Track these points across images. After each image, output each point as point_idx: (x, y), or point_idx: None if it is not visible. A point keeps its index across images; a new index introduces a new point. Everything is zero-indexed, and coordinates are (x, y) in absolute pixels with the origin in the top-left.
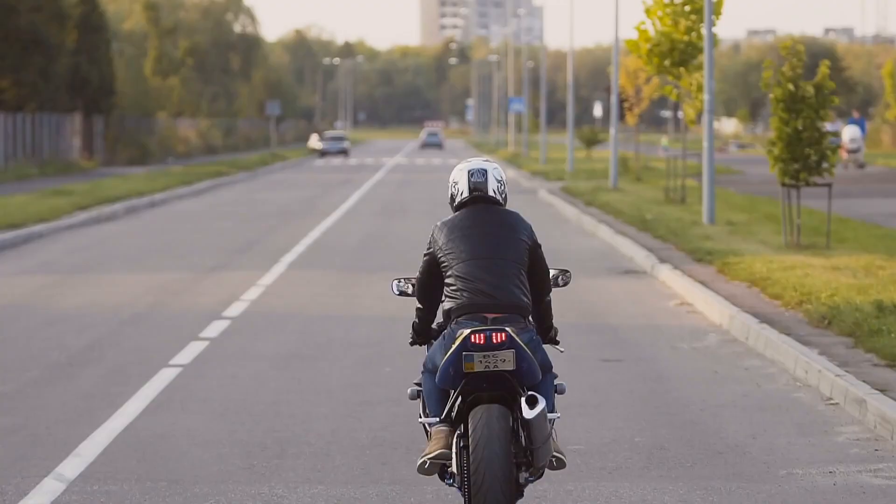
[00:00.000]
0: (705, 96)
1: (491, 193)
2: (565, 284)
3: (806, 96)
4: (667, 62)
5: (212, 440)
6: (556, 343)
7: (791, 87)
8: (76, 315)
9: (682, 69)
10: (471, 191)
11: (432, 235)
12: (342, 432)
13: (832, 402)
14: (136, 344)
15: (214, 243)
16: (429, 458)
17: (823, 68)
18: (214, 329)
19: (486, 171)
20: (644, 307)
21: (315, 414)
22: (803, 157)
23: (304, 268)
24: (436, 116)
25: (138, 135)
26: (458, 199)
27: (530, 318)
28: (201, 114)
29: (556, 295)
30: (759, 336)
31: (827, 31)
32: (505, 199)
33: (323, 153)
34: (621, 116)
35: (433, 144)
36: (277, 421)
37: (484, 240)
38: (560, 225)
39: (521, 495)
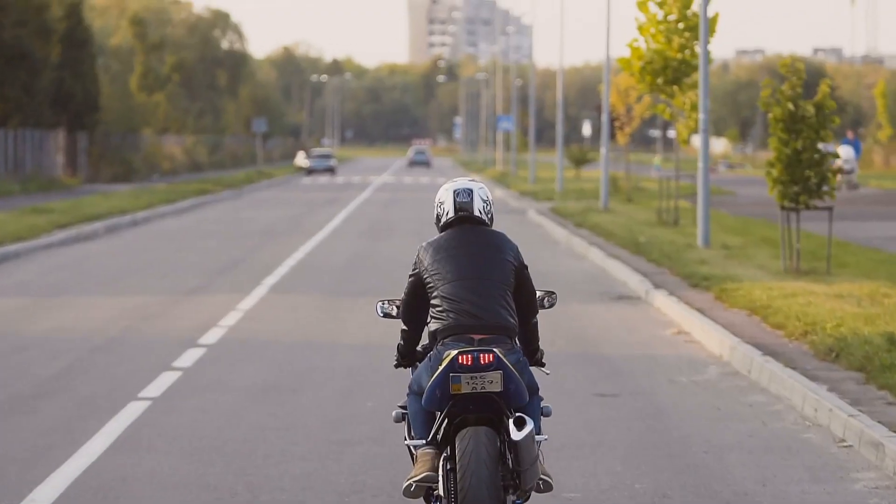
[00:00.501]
0: (700, 115)
1: (477, 213)
2: (551, 306)
3: (806, 116)
4: (660, 80)
5: (179, 483)
6: (542, 365)
7: (791, 106)
8: (46, 341)
9: (675, 87)
10: (456, 211)
11: (418, 256)
12: (319, 475)
13: (845, 444)
14: (105, 373)
15: (196, 263)
16: (415, 481)
17: (824, 87)
18: (189, 358)
19: (471, 190)
20: (639, 336)
21: (291, 454)
22: (803, 179)
23: (287, 291)
24: (424, 134)
25: (123, 151)
26: (443, 220)
27: (516, 339)
28: (187, 130)
29: (545, 321)
30: (763, 369)
31: (816, 50)
32: (491, 220)
33: (310, 171)
34: (612, 135)
35: (421, 162)
36: (250, 462)
37: (470, 260)
38: (550, 246)
39: None
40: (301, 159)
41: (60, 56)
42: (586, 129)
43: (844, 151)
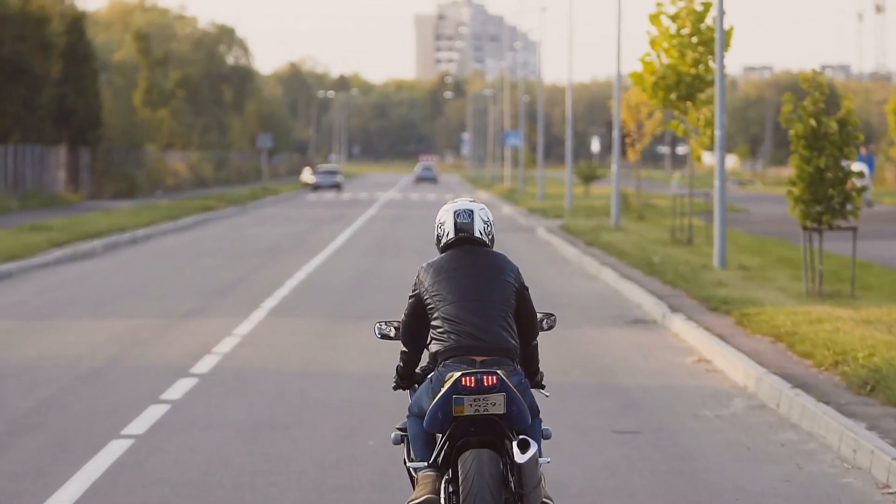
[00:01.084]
0: (716, 132)
1: (477, 234)
2: (550, 328)
3: (829, 133)
4: (673, 96)
5: None
6: (543, 387)
7: (813, 122)
8: (29, 369)
9: (688, 103)
10: (457, 231)
11: (418, 277)
12: None
13: (890, 490)
14: (87, 407)
15: (194, 284)
16: None
17: (847, 103)
18: (179, 389)
19: (472, 211)
20: (658, 364)
21: (282, 502)
22: (826, 198)
23: (287, 314)
24: (431, 150)
25: (126, 167)
26: (444, 240)
27: (517, 361)
28: (192, 146)
29: (559, 348)
30: (794, 404)
31: (824, 67)
32: (492, 241)
33: (315, 187)
34: (622, 152)
35: (428, 179)
36: None
37: (471, 282)
38: (560, 266)
39: None
40: (307, 175)
41: (62, 71)
42: (595, 146)
43: (858, 168)
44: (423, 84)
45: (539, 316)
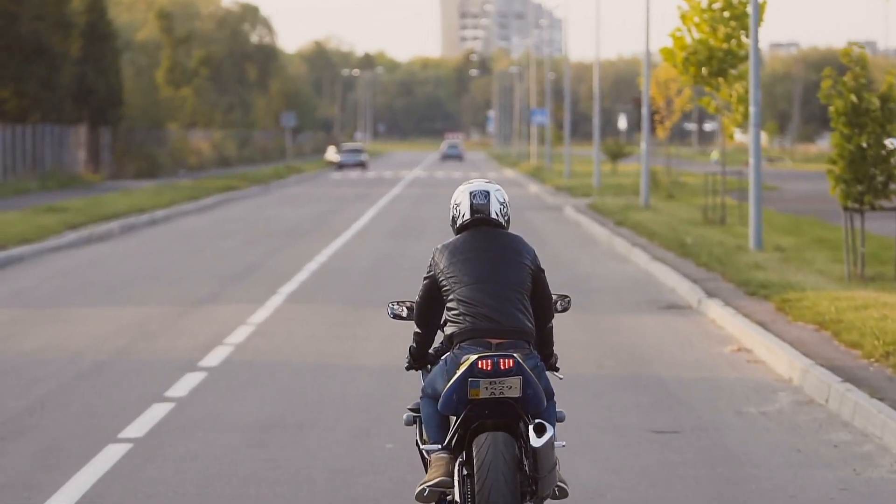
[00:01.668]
0: (751, 108)
1: (493, 216)
2: (564, 310)
3: (871, 109)
4: (704, 71)
5: None
6: (557, 370)
7: (854, 98)
8: (29, 364)
9: (720, 79)
10: (473, 213)
11: (433, 258)
12: None
13: None
14: (86, 406)
15: (210, 268)
16: (428, 486)
17: (890, 78)
18: (185, 385)
19: (488, 192)
20: (695, 353)
21: None
22: (868, 177)
23: (304, 300)
24: (456, 128)
25: (148, 147)
26: (459, 221)
27: (532, 344)
28: (215, 125)
29: (590, 337)
30: (845, 399)
31: (849, 44)
32: (508, 222)
33: (340, 166)
34: (650, 129)
35: (453, 156)
36: None
37: (486, 264)
38: (589, 247)
39: None
40: (331, 154)
41: (82, 50)
42: (622, 123)
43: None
44: (448, 62)
45: (554, 298)
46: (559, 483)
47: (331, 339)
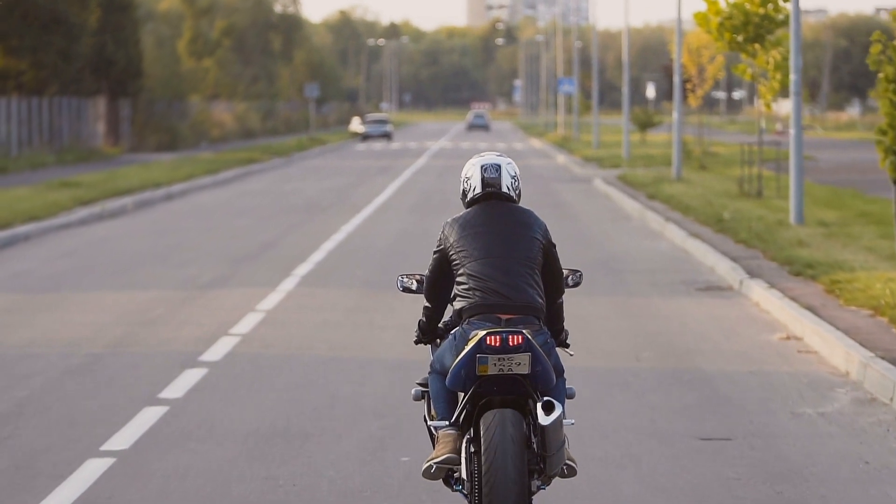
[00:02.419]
0: (792, 76)
1: (504, 190)
2: (576, 285)
3: None
4: (740, 38)
5: None
6: (567, 346)
7: None
8: (16, 358)
9: (756, 46)
10: (484, 186)
11: (443, 232)
12: None
13: None
14: (69, 411)
15: (222, 248)
16: (435, 463)
17: None
18: (183, 384)
19: (499, 166)
20: (741, 342)
21: None
22: None
23: (319, 284)
24: (483, 98)
25: (168, 119)
26: (470, 195)
27: (543, 319)
28: (238, 96)
29: (626, 324)
30: None
31: (878, 10)
32: (519, 196)
33: (365, 137)
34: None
35: (479, 126)
36: None
37: (497, 238)
38: (621, 222)
39: None
40: (356, 125)
41: (100, 21)
42: (650, 92)
43: None
44: (474, 31)
45: (565, 272)
46: (567, 461)
47: (345, 328)
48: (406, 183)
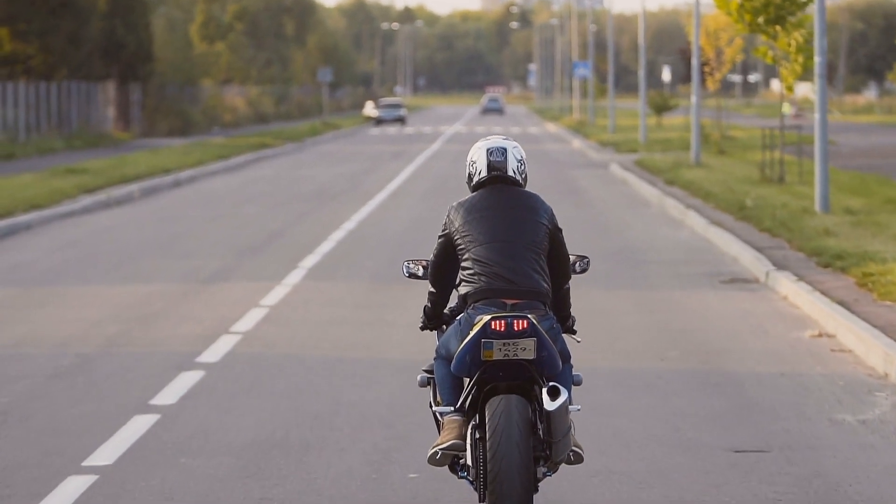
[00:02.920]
0: (816, 58)
1: (510, 173)
2: (583, 271)
3: None
4: (760, 19)
5: None
6: (574, 332)
7: None
8: (2, 359)
9: (777, 27)
10: (489, 170)
11: (448, 216)
12: None
13: None
14: (52, 421)
15: (229, 237)
16: (441, 449)
17: None
18: (177, 388)
19: (505, 149)
20: (770, 341)
21: None
22: None
23: (327, 276)
24: (497, 82)
25: (180, 103)
26: (475, 179)
27: (548, 305)
28: (251, 81)
29: (649, 319)
30: None
31: None
32: (525, 180)
33: (378, 121)
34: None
35: (494, 110)
36: None
37: (503, 222)
38: (639, 209)
39: (537, 490)
40: (370, 109)
41: (110, 4)
42: (666, 75)
43: None
44: (488, 15)
45: (572, 258)
46: (574, 448)
47: (352, 326)
48: (420, 168)
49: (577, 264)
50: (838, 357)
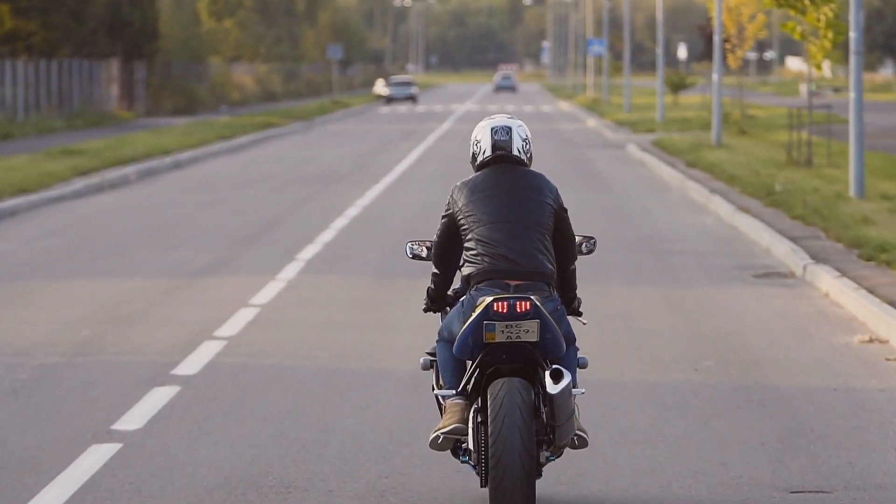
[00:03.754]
0: (852, 34)
1: (515, 153)
2: (589, 252)
3: None
4: None
5: None
6: (580, 314)
7: None
8: None
9: (806, 1)
10: (494, 149)
11: (451, 196)
12: None
13: None
14: None
15: (224, 225)
16: (443, 433)
17: None
18: (146, 408)
19: (510, 128)
20: (815, 347)
21: None
22: None
23: (325, 270)
24: (510, 59)
25: (186, 82)
26: (480, 158)
27: (554, 287)
28: (260, 58)
29: (679, 321)
30: None
31: None
32: (530, 159)
33: (389, 99)
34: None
35: (506, 87)
36: None
37: (507, 202)
38: (660, 193)
39: (540, 475)
40: (380, 87)
41: None
42: (681, 52)
43: None
44: None
45: (578, 239)
46: (578, 432)
47: (351, 330)
48: (429, 149)
49: (584, 245)
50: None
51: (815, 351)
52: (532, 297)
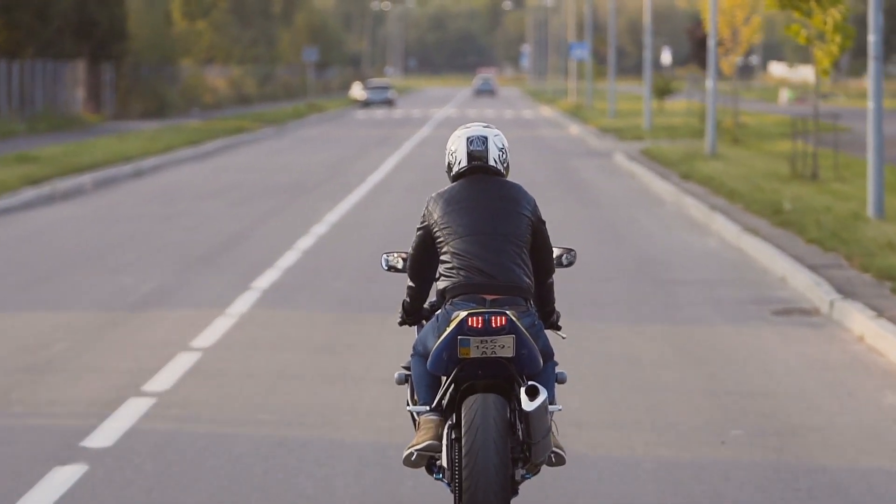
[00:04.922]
0: (871, 37)
1: (492, 163)
2: (569, 264)
3: None
4: None
5: None
6: (558, 328)
7: None
8: None
9: (812, 3)
10: (469, 160)
11: (427, 207)
12: None
13: None
14: None
15: (176, 243)
16: (416, 450)
17: None
18: (41, 497)
19: (486, 138)
20: (860, 410)
21: None
22: None
23: (283, 302)
24: (489, 63)
25: (156, 84)
26: (455, 169)
27: (531, 301)
28: (234, 60)
29: (694, 372)
30: None
31: None
32: (507, 169)
33: (366, 103)
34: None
35: (486, 91)
36: None
37: (483, 214)
38: (653, 209)
39: (517, 493)
40: (357, 91)
41: None
42: (665, 57)
43: None
44: None
45: (558, 252)
46: (555, 449)
47: (304, 384)
48: (407, 156)
49: (564, 257)
50: None
51: (860, 415)
52: (508, 312)
